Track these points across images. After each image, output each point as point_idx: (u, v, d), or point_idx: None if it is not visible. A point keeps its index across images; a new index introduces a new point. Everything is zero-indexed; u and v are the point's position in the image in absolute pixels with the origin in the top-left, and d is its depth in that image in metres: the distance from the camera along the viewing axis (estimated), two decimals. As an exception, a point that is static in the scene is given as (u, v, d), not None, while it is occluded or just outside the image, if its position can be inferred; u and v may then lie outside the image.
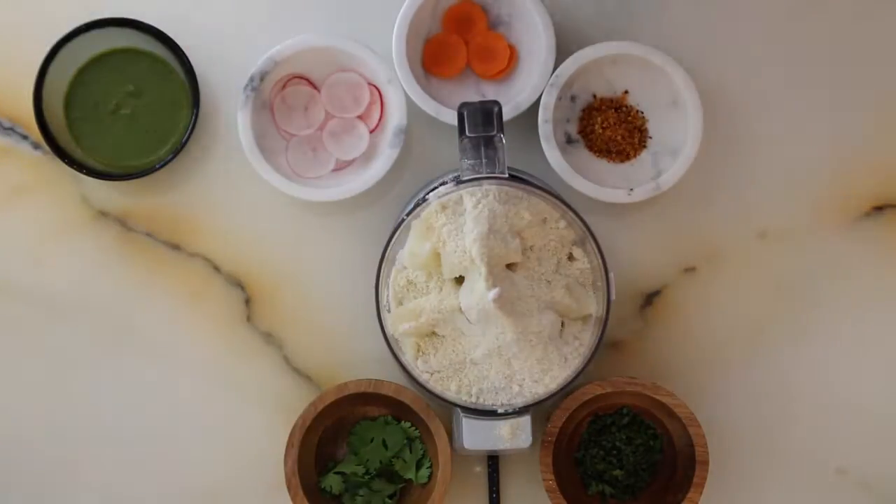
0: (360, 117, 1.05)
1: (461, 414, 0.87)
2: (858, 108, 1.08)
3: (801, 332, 1.06)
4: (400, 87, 1.02)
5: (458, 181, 0.87)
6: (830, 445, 1.06)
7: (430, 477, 1.02)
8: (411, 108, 1.03)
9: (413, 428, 1.02)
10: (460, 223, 0.82)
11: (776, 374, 1.06)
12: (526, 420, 0.90)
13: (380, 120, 1.05)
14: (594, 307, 0.88)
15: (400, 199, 1.04)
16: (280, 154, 1.05)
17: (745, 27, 1.08)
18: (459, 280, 0.89)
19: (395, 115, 1.02)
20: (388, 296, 0.87)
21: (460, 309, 0.85)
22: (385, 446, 1.02)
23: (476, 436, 0.88)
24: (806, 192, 1.07)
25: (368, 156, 1.04)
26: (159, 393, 1.05)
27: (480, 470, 1.04)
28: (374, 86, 1.04)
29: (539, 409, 0.91)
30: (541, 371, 0.88)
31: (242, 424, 1.05)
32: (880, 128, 1.08)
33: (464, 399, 0.85)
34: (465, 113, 0.87)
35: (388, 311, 0.86)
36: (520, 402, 0.86)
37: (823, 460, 1.05)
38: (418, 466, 1.02)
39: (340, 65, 1.05)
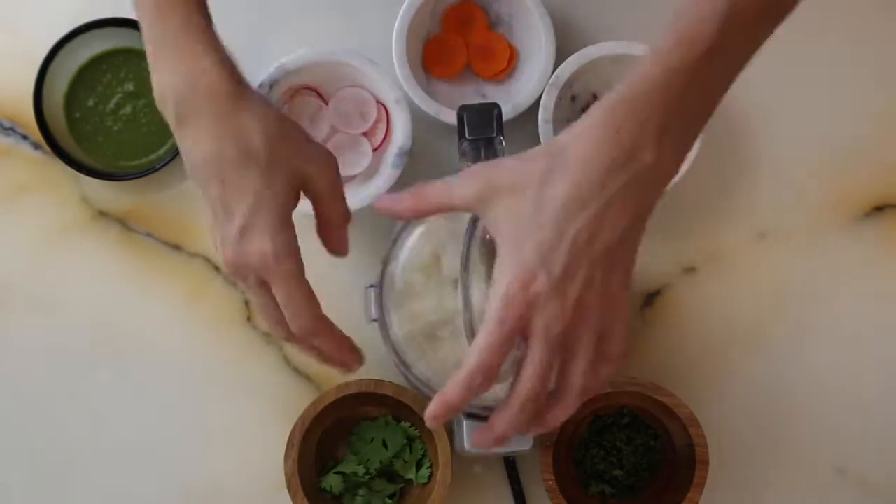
0: (364, 134, 1.04)
1: (462, 416, 0.86)
2: (858, 109, 1.07)
3: (801, 332, 1.05)
4: (407, 108, 1.00)
5: None
6: (830, 445, 1.04)
7: (430, 477, 1.01)
8: (411, 107, 1.01)
9: (413, 428, 1.01)
10: (461, 225, 0.81)
11: (776, 373, 1.05)
12: None
13: (384, 139, 1.03)
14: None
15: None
16: (280, 158, 1.04)
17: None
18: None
19: (400, 136, 1.00)
20: (389, 299, 0.86)
21: (461, 311, 0.84)
22: (385, 446, 1.01)
23: None
24: (806, 192, 1.06)
25: (369, 173, 1.02)
26: (159, 393, 1.04)
27: (480, 470, 1.03)
28: (382, 104, 1.03)
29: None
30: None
31: (242, 424, 1.04)
32: (880, 128, 1.07)
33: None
34: (465, 115, 0.86)
35: (389, 313, 0.85)
36: None
37: (823, 460, 1.04)
38: (418, 466, 1.01)
39: (351, 80, 1.03)
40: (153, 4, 0.76)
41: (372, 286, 0.81)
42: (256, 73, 1.00)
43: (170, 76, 0.76)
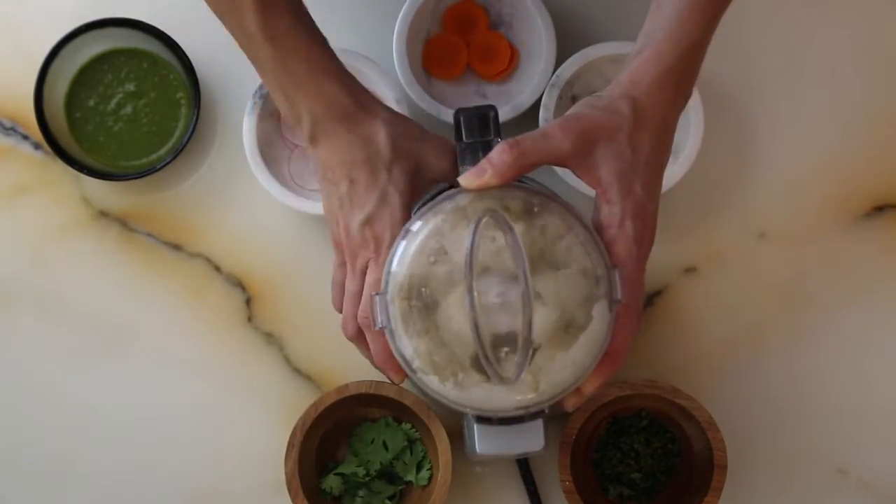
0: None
1: (472, 420, 0.85)
2: (858, 108, 1.05)
3: (802, 332, 1.04)
4: (408, 108, 0.99)
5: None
6: (831, 445, 1.03)
7: (430, 479, 0.99)
8: (412, 107, 1.00)
9: (414, 430, 1.00)
10: (460, 232, 0.79)
11: (776, 373, 1.03)
12: (538, 423, 0.87)
13: None
14: (598, 309, 0.85)
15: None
16: (283, 163, 1.02)
17: (746, 27, 1.05)
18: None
19: None
20: (394, 307, 0.84)
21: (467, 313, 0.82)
22: (385, 448, 1.00)
23: (488, 441, 0.86)
24: (806, 192, 1.05)
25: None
26: (159, 393, 1.03)
27: (481, 471, 1.02)
28: None
29: (553, 412, 0.88)
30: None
31: (242, 425, 1.02)
32: (880, 128, 1.05)
33: (471, 405, 0.82)
34: (462, 118, 0.85)
35: (396, 322, 0.83)
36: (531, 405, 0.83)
37: (824, 460, 1.03)
38: (418, 468, 1.00)
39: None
40: (276, 54, 0.84)
41: (377, 294, 0.80)
42: (247, 66, 0.98)
43: (304, 105, 0.84)
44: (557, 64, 1.00)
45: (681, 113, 0.84)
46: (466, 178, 0.80)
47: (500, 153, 0.80)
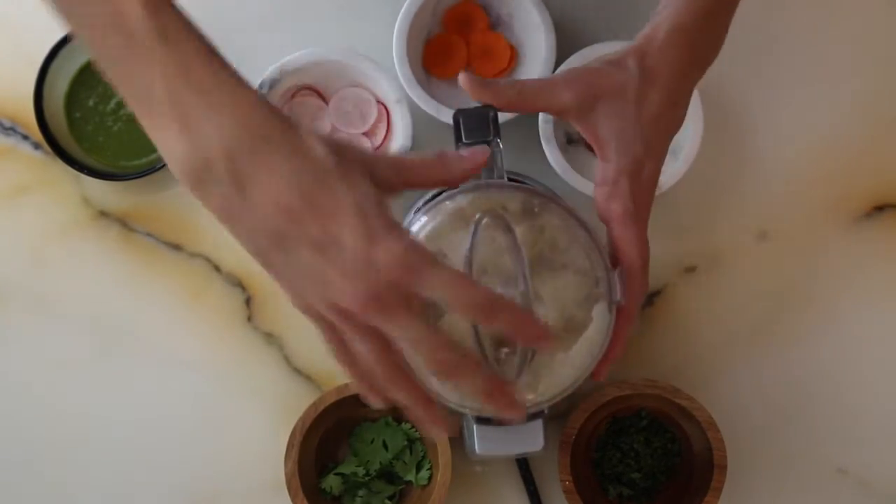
0: (365, 134, 1.02)
1: (472, 420, 0.84)
2: (858, 109, 1.05)
3: (802, 332, 1.03)
4: (408, 108, 0.98)
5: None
6: (831, 445, 1.02)
7: (430, 479, 0.99)
8: (412, 107, 0.99)
9: (414, 429, 1.00)
10: (461, 234, 0.79)
11: (776, 374, 1.03)
12: (538, 423, 0.87)
13: (384, 139, 1.01)
14: (597, 310, 0.84)
15: (400, 204, 1.01)
16: (282, 161, 1.01)
17: (745, 27, 1.05)
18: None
19: (401, 136, 0.98)
20: None
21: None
22: (385, 448, 0.99)
23: (488, 441, 0.85)
24: (806, 192, 1.04)
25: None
26: (159, 393, 1.02)
27: (481, 471, 1.01)
28: (383, 104, 1.01)
29: (553, 412, 0.88)
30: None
31: (242, 424, 1.02)
32: (880, 128, 1.05)
33: (470, 405, 0.82)
34: (461, 119, 0.85)
35: None
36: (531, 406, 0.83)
37: (824, 460, 1.02)
38: (418, 468, 0.99)
39: (352, 80, 1.01)
40: (172, 58, 0.65)
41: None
42: (256, 73, 0.98)
43: (213, 126, 0.64)
44: (557, 64, 1.00)
45: (695, 83, 0.82)
46: (466, 77, 0.80)
47: (503, 82, 0.81)
